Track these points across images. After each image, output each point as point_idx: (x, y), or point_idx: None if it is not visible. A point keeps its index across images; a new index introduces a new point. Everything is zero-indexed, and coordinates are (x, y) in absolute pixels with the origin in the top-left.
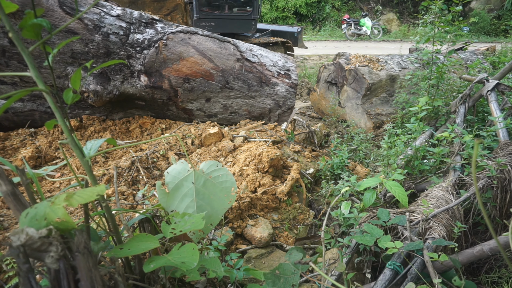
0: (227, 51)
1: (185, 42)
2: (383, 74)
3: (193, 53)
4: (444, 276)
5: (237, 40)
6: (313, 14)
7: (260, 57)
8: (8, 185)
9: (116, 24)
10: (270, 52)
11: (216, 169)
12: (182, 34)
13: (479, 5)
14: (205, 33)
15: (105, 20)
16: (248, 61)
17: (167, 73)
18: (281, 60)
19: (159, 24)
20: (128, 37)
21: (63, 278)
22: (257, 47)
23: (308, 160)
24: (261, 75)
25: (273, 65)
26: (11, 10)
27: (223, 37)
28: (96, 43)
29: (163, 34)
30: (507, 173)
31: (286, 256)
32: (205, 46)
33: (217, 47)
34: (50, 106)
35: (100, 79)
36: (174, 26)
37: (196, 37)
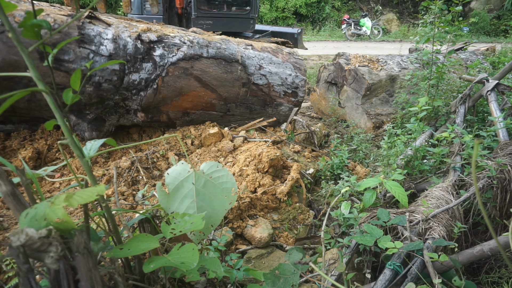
0: (233, 75)
1: (186, 74)
2: (383, 74)
3: (195, 87)
4: (444, 276)
5: (246, 56)
6: (313, 14)
7: (268, 76)
8: (8, 186)
9: (108, 69)
10: (283, 64)
11: (217, 169)
12: (184, 62)
13: (479, 5)
14: (210, 55)
15: (96, 65)
16: (254, 85)
17: (166, 109)
18: (291, 75)
19: (158, 50)
20: (123, 80)
21: (63, 279)
22: (268, 59)
23: (308, 160)
24: (265, 98)
25: (281, 83)
26: (11, 10)
27: (230, 55)
28: (87, 94)
29: (162, 68)
30: (507, 173)
31: (286, 256)
32: (209, 74)
33: (222, 72)
34: (50, 106)
35: (95, 125)
36: (175, 50)
37: (200, 62)
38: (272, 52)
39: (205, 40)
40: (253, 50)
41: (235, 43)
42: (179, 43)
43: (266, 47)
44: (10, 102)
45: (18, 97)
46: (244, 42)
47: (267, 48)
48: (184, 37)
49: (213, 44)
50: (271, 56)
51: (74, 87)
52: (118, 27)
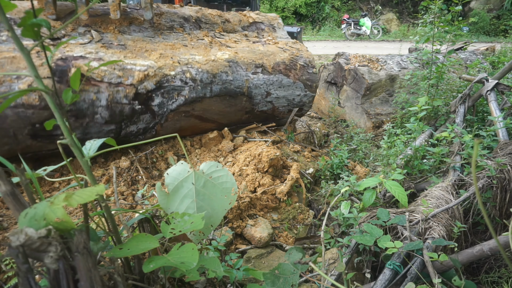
0: (237, 107)
1: (187, 116)
2: (383, 74)
3: (195, 123)
4: (444, 276)
5: (254, 85)
6: (312, 14)
7: (275, 101)
8: (7, 185)
9: (104, 130)
10: (293, 85)
11: (216, 169)
12: (185, 107)
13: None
14: (214, 93)
15: (91, 130)
16: (259, 112)
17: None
18: (300, 95)
19: (156, 99)
20: (121, 133)
21: (62, 278)
22: (278, 82)
23: (308, 160)
24: (268, 117)
25: (287, 104)
26: (10, 10)
27: (236, 89)
28: None
29: (161, 116)
30: (507, 173)
31: (285, 256)
32: (212, 111)
33: (225, 107)
34: (50, 106)
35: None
36: (175, 95)
37: (202, 103)
38: (284, 70)
39: (209, 75)
40: (262, 74)
41: (243, 68)
42: (180, 85)
43: (278, 64)
44: (10, 101)
45: (17, 96)
46: (254, 63)
47: (279, 65)
48: (186, 74)
49: (218, 78)
50: (282, 77)
51: (74, 87)
52: (110, 82)
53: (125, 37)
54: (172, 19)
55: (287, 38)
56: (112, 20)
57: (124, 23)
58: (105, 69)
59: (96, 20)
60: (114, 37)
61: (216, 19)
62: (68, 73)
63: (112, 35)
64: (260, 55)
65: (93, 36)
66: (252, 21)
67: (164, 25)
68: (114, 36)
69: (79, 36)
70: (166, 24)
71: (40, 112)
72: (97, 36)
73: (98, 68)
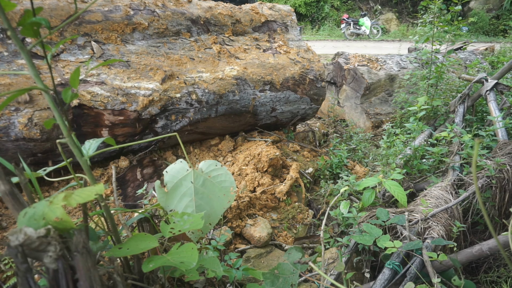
0: (241, 123)
1: (190, 133)
2: (382, 73)
3: (197, 137)
4: (443, 276)
5: (260, 103)
6: (312, 14)
7: (279, 115)
8: (6, 185)
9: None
10: (300, 100)
11: (215, 168)
12: (189, 126)
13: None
14: (219, 113)
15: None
16: (262, 125)
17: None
18: (305, 108)
19: (160, 121)
20: (122, 152)
21: (61, 278)
22: (284, 99)
23: (307, 160)
24: (270, 126)
25: (291, 116)
26: (11, 9)
27: (242, 108)
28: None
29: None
30: (506, 173)
31: (285, 255)
32: (215, 127)
33: (229, 123)
34: (49, 105)
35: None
36: (180, 117)
37: (207, 122)
38: (293, 86)
39: (216, 95)
40: (270, 92)
41: (251, 86)
42: (185, 108)
43: (287, 80)
44: (9, 100)
45: (17, 95)
46: (263, 80)
47: (288, 81)
48: (192, 95)
49: (225, 98)
50: (290, 93)
51: (73, 86)
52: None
53: (128, 48)
54: (179, 22)
55: (299, 40)
56: (113, 26)
57: (126, 30)
58: (108, 95)
59: (96, 28)
60: (116, 49)
61: (226, 20)
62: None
63: (114, 47)
64: (270, 69)
65: (94, 51)
66: (264, 20)
67: (170, 30)
68: (117, 49)
69: (79, 49)
70: (172, 29)
71: (42, 144)
72: (98, 50)
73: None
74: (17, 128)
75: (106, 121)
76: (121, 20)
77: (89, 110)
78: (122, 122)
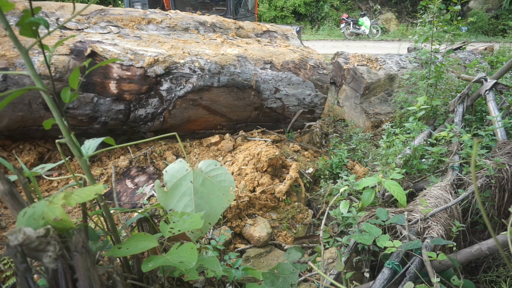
0: (245, 101)
1: (195, 105)
2: (382, 73)
3: (203, 114)
4: (443, 275)
5: (262, 79)
6: (311, 14)
7: (284, 99)
8: (5, 184)
9: (113, 109)
10: (303, 83)
11: (215, 168)
12: (193, 94)
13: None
14: (221, 84)
15: (101, 108)
16: (268, 108)
17: (174, 130)
18: (310, 95)
19: (165, 84)
20: (129, 116)
21: (61, 278)
22: (287, 80)
23: (308, 160)
24: (279, 116)
25: (297, 104)
26: (9, 9)
27: (244, 82)
28: (96, 129)
29: (169, 102)
30: (505, 172)
31: (284, 255)
32: (219, 102)
33: (233, 99)
34: (48, 105)
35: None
36: (184, 82)
37: (210, 92)
38: (294, 68)
39: (217, 66)
40: (271, 70)
41: (252, 63)
42: (188, 73)
43: (287, 62)
44: (7, 101)
45: (15, 95)
46: (263, 59)
47: (288, 64)
48: (195, 63)
49: (226, 70)
50: (291, 75)
51: (73, 86)
52: (122, 62)
53: (142, 32)
54: (188, 22)
55: (299, 45)
56: (132, 19)
57: (142, 22)
58: (118, 52)
59: (117, 18)
60: (131, 31)
61: (231, 25)
62: (84, 52)
63: (130, 30)
64: (270, 53)
65: (112, 30)
66: (265, 30)
67: (180, 26)
68: (132, 30)
69: (100, 29)
70: (182, 26)
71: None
72: (115, 30)
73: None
74: (36, 65)
75: (115, 74)
76: (139, 15)
77: (100, 61)
78: (129, 78)
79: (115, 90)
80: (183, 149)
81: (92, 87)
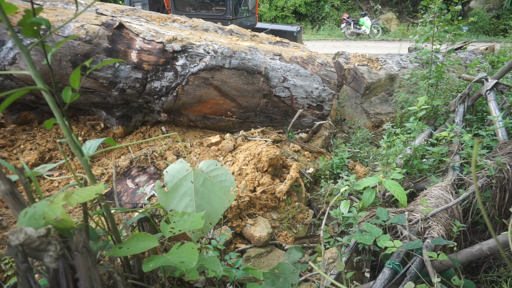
0: (254, 87)
1: (206, 84)
2: (382, 73)
3: (214, 95)
4: (443, 275)
5: (271, 67)
6: (312, 13)
7: (292, 89)
8: (6, 184)
9: (131, 77)
10: (310, 76)
11: (215, 168)
12: (205, 72)
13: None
14: (232, 66)
15: (120, 74)
16: (276, 97)
17: (186, 112)
18: (318, 89)
19: (180, 60)
20: (145, 86)
21: (62, 278)
22: (295, 71)
23: (308, 160)
24: (287, 109)
25: (305, 97)
26: (12, 12)
27: (254, 67)
28: (113, 97)
29: (183, 77)
30: (506, 173)
31: (285, 255)
32: (230, 84)
33: (243, 83)
34: (49, 105)
35: (122, 120)
36: (197, 60)
37: (221, 73)
38: (302, 63)
39: (230, 50)
40: (280, 61)
41: (262, 53)
42: (202, 53)
43: (296, 57)
44: (10, 101)
45: (17, 96)
46: (273, 51)
47: (296, 58)
48: (209, 46)
49: (238, 55)
50: (299, 68)
51: (74, 86)
52: (144, 38)
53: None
54: (208, 25)
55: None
56: (160, 16)
57: (168, 20)
58: (143, 29)
59: (147, 15)
60: (157, 23)
61: (246, 32)
62: (113, 26)
63: (157, 23)
64: (279, 49)
65: (141, 20)
66: (278, 40)
67: (200, 27)
68: (158, 23)
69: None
70: (203, 27)
71: (83, 44)
72: (144, 21)
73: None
74: (71, 29)
75: (137, 45)
76: (165, 16)
77: (126, 33)
78: (149, 50)
79: (136, 59)
80: (184, 149)
81: (115, 53)
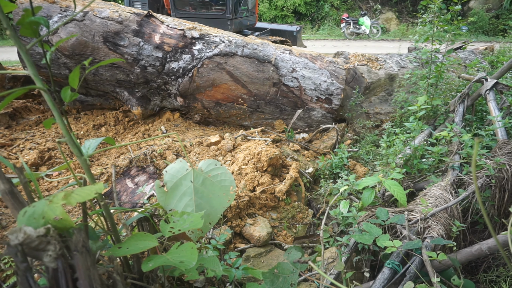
0: (264, 75)
1: (220, 68)
2: (382, 73)
3: (226, 80)
4: (443, 275)
5: (281, 58)
6: (312, 13)
7: (301, 80)
8: (6, 184)
9: (153, 55)
10: (318, 70)
11: (215, 167)
12: (219, 57)
13: (478, 5)
14: (244, 53)
15: (143, 52)
16: (285, 86)
17: (200, 97)
18: (326, 82)
19: (198, 45)
20: (164, 66)
21: (61, 277)
22: (303, 63)
23: (308, 160)
24: (297, 100)
25: (314, 89)
26: (10, 10)
27: (264, 57)
28: (135, 74)
29: (199, 60)
30: (506, 172)
31: (284, 255)
32: (241, 70)
33: (254, 71)
34: (48, 104)
35: (141, 102)
36: (213, 46)
37: (234, 59)
38: (311, 58)
39: (243, 41)
40: (289, 55)
41: (273, 47)
42: (218, 41)
43: (305, 53)
44: (10, 99)
45: (16, 94)
46: (283, 47)
47: (305, 54)
48: (225, 37)
49: (250, 46)
50: (308, 61)
51: (73, 85)
52: (168, 25)
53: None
54: None
55: None
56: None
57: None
58: (167, 20)
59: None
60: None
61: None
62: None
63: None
64: (289, 47)
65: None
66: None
67: None
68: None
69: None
70: None
71: (115, 24)
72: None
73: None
74: (107, 12)
75: (161, 30)
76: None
77: (153, 21)
78: (170, 35)
79: (158, 40)
80: (183, 149)
81: (141, 35)
